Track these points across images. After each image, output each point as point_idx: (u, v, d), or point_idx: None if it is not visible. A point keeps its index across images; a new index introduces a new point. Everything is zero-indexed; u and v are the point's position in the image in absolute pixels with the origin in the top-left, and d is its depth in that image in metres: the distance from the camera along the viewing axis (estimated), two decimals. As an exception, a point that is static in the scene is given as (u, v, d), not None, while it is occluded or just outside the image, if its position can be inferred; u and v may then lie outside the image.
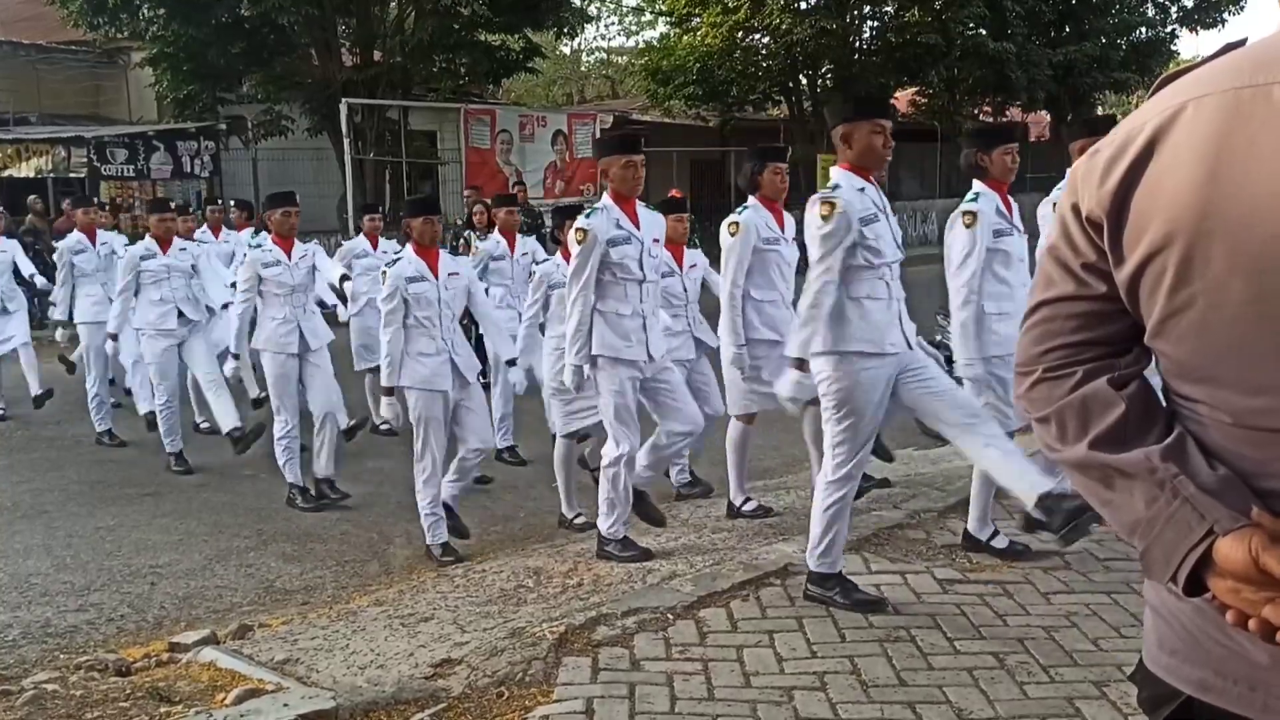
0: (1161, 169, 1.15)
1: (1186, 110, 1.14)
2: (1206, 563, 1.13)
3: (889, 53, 25.20)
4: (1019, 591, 4.27)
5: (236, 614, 4.78)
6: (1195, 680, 1.22)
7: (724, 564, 4.67)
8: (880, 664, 3.65)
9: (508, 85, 27.39)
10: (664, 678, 3.56)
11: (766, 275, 5.39)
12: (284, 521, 6.19)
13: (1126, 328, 1.24)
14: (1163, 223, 1.14)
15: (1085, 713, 3.26)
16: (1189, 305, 1.15)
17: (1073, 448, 1.26)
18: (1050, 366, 1.28)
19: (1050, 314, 1.29)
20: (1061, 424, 1.28)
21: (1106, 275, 1.22)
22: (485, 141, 19.03)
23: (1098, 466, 1.24)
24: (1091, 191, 1.21)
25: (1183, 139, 1.13)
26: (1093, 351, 1.26)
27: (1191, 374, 1.19)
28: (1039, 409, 1.30)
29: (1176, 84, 1.19)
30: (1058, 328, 1.28)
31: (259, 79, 18.34)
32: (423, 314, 5.32)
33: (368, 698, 3.38)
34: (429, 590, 4.63)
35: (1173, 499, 1.16)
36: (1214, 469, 1.16)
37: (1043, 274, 1.30)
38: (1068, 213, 1.25)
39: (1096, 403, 1.24)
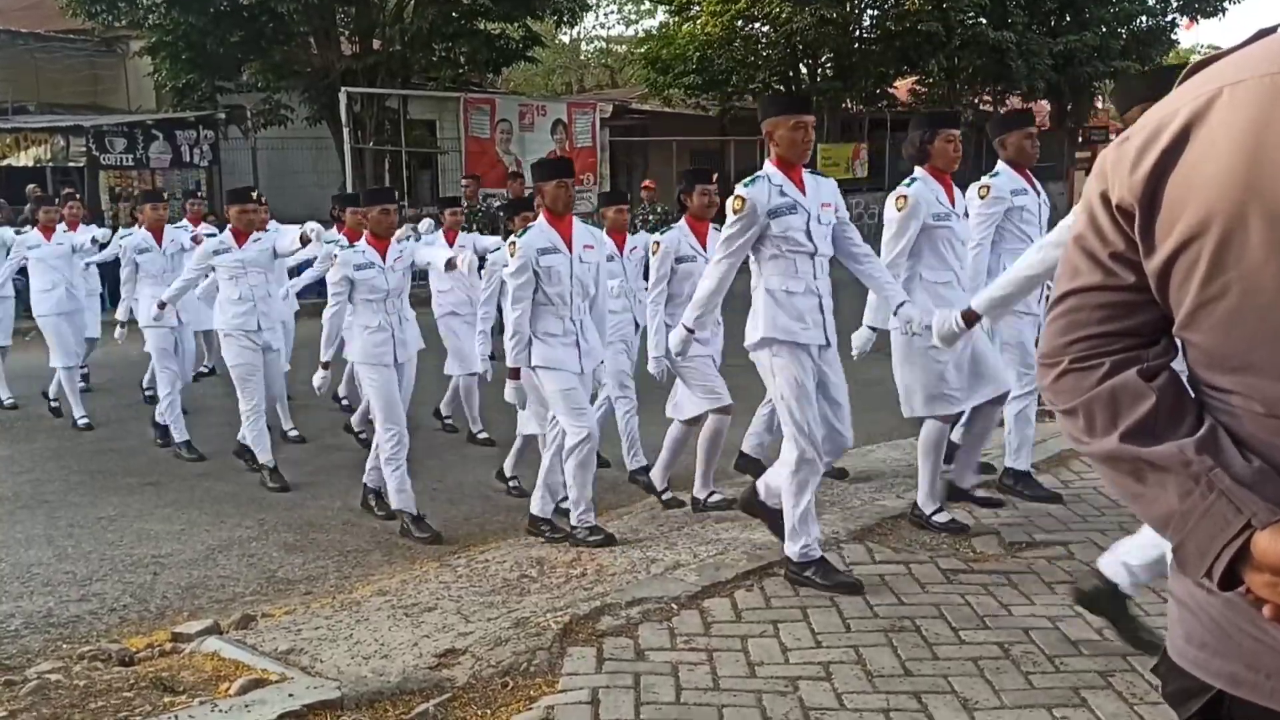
0: (1196, 155, 1.13)
1: (1222, 96, 1.13)
2: (1242, 557, 1.11)
3: (889, 41, 25.10)
4: (1023, 581, 4.26)
5: (239, 604, 4.77)
6: (1226, 674, 1.20)
7: (728, 553, 4.66)
8: (885, 654, 3.65)
9: (507, 74, 27.31)
10: (669, 668, 3.56)
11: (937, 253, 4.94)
12: (285, 511, 6.19)
13: (1155, 318, 1.23)
14: (1198, 209, 1.12)
15: (1091, 702, 3.25)
16: (1224, 293, 1.13)
17: (1102, 440, 1.24)
18: (1077, 357, 1.27)
19: (1077, 304, 1.27)
20: (1090, 416, 1.26)
21: (1136, 265, 1.21)
22: (485, 131, 18.97)
23: (1129, 459, 1.22)
24: (1123, 179, 1.19)
25: (1218, 125, 1.12)
26: (1121, 343, 1.25)
27: (1224, 363, 1.17)
28: (1066, 400, 1.28)
29: (1209, 70, 1.17)
30: (1085, 318, 1.26)
31: (258, 68, 18.26)
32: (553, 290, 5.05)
33: (373, 688, 3.37)
34: (432, 580, 4.63)
35: (1208, 492, 1.14)
36: (1249, 461, 1.15)
37: (1068, 264, 1.28)
38: (1096, 201, 1.23)
39: (1126, 394, 1.22)
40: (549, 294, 5.02)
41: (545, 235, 5.05)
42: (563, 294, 5.04)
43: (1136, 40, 28.58)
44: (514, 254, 4.98)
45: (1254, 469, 1.14)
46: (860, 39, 25.93)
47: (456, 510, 6.14)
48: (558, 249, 5.05)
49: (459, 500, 6.32)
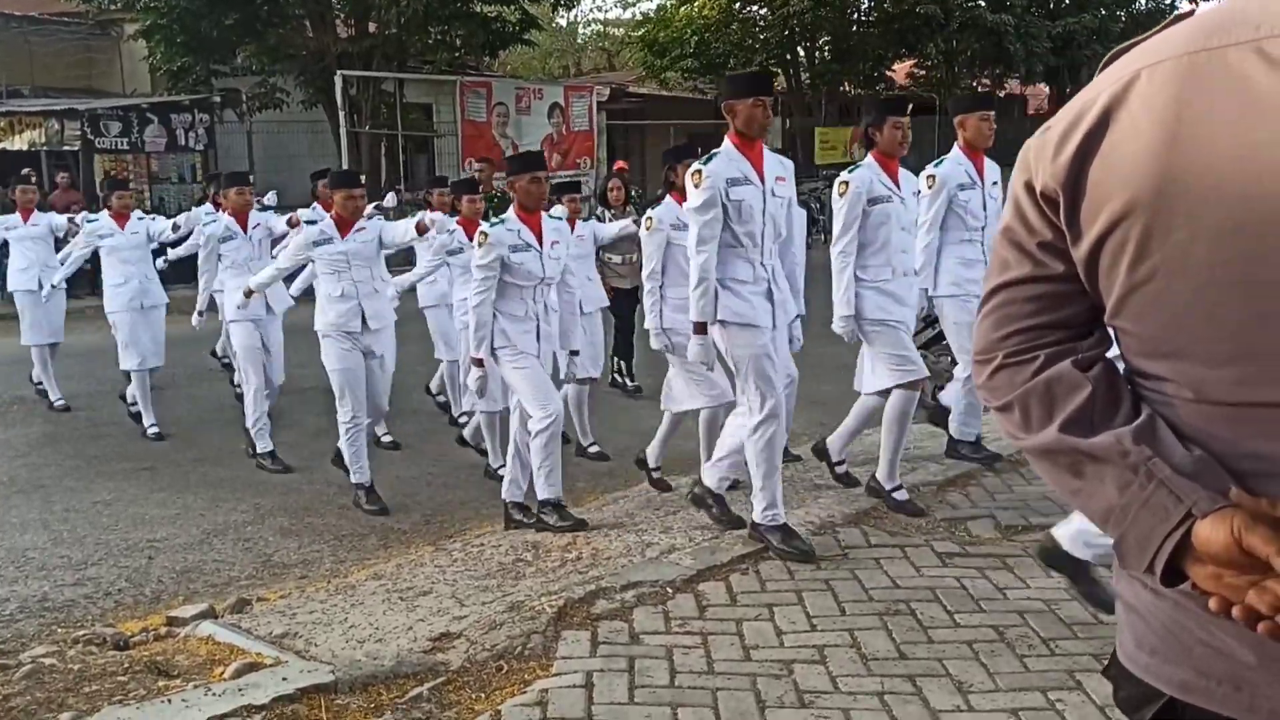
0: (1117, 139, 1.11)
1: (1140, 79, 1.11)
2: (1185, 549, 1.08)
3: (887, 24, 25.06)
4: (1018, 564, 4.26)
5: (234, 588, 4.77)
6: (1177, 681, 1.17)
7: (722, 537, 4.66)
8: (880, 637, 3.65)
9: (504, 57, 27.20)
10: (663, 651, 3.56)
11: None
12: (281, 496, 6.18)
13: (1086, 309, 1.21)
14: (1121, 193, 1.10)
15: (1086, 685, 3.26)
16: (1151, 277, 1.11)
17: (1038, 434, 1.21)
18: (1010, 352, 1.24)
19: (1008, 298, 1.24)
20: (1025, 410, 1.23)
21: (1064, 254, 1.18)
22: (481, 114, 18.91)
23: (1067, 452, 1.19)
24: (1045, 166, 1.17)
25: (1138, 107, 1.10)
26: (1053, 335, 1.22)
27: (1155, 350, 1.15)
28: (1000, 396, 1.25)
29: (1129, 55, 1.15)
30: (1016, 311, 1.24)
31: (253, 51, 18.15)
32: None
33: (367, 671, 3.37)
34: (427, 564, 4.62)
35: (1147, 483, 1.11)
36: (1189, 450, 1.12)
37: (998, 257, 1.25)
38: (1021, 191, 1.21)
39: (1061, 386, 1.20)
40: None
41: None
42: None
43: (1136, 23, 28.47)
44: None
45: (1194, 458, 1.11)
46: (858, 22, 25.88)
47: (452, 494, 6.14)
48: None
49: (454, 484, 6.32)
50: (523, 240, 5.10)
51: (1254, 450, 1.08)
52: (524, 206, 5.16)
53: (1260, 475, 1.08)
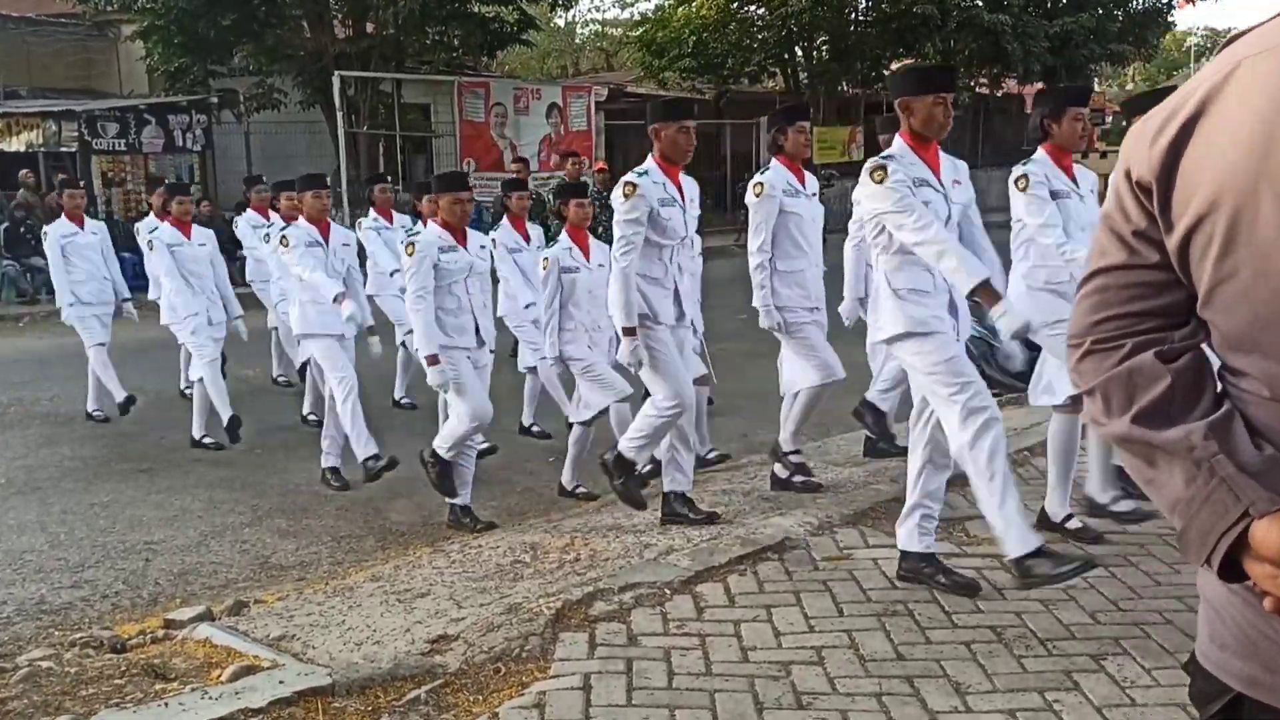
0: (1212, 129, 1.11)
1: (1240, 69, 1.10)
2: (1243, 546, 1.09)
3: (885, 24, 25.06)
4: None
5: (232, 590, 4.76)
6: (1245, 676, 1.18)
7: (721, 539, 4.65)
8: (878, 638, 3.64)
9: (502, 58, 27.20)
10: (661, 653, 3.55)
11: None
12: (279, 497, 6.18)
13: (1181, 299, 1.20)
14: (1211, 186, 1.10)
15: (1083, 686, 3.26)
16: (1236, 272, 1.10)
17: (1116, 422, 1.22)
18: (1100, 338, 1.24)
19: (1103, 284, 1.25)
20: (1107, 397, 1.24)
21: (1159, 243, 1.18)
22: (479, 114, 18.92)
23: (1139, 442, 1.20)
24: (1142, 155, 1.17)
25: (1235, 98, 1.09)
26: (1146, 323, 1.22)
27: (1238, 345, 1.15)
28: (1087, 381, 1.26)
29: (1235, 44, 1.15)
30: (1110, 298, 1.24)
31: (250, 51, 18.15)
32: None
33: (364, 674, 3.37)
34: (425, 566, 4.62)
35: (1209, 479, 1.12)
36: (1259, 449, 1.12)
37: (1096, 243, 1.26)
38: (1120, 179, 1.21)
39: (1142, 376, 1.20)
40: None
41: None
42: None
43: (1133, 22, 28.50)
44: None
45: (1263, 457, 1.11)
46: (856, 22, 25.88)
47: (450, 495, 6.13)
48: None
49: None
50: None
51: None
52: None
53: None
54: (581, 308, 5.86)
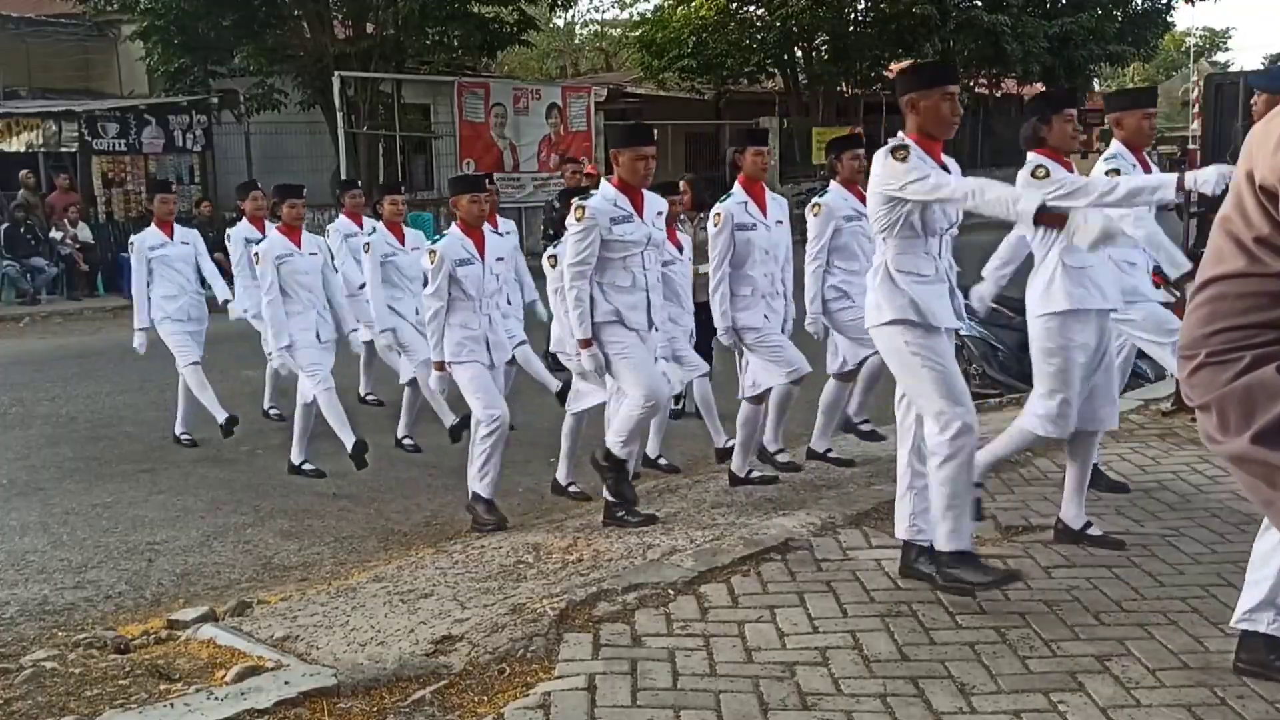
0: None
1: None
2: None
3: (884, 24, 25.06)
4: (1019, 565, 4.26)
5: (235, 591, 4.76)
6: None
7: (724, 539, 4.65)
8: (882, 639, 3.64)
9: (501, 58, 27.19)
10: (665, 653, 3.55)
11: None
12: (281, 498, 6.18)
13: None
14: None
15: (1088, 686, 3.26)
16: None
17: (1234, 440, 1.15)
18: (1215, 350, 1.17)
19: (1219, 292, 1.17)
20: (1223, 413, 1.16)
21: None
22: (479, 115, 18.92)
23: (1260, 463, 1.13)
24: (1266, 157, 1.10)
25: None
26: (1265, 335, 1.14)
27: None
28: (1201, 395, 1.19)
29: None
30: (1227, 308, 1.16)
31: (250, 51, 18.15)
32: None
33: (369, 675, 3.36)
34: (428, 566, 4.62)
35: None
36: None
37: (1213, 248, 1.18)
38: (1242, 181, 1.14)
39: (1263, 392, 1.13)
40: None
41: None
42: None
43: (1132, 22, 28.53)
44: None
45: None
46: (855, 22, 25.89)
47: (452, 495, 6.12)
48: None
49: (455, 485, 6.29)
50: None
51: None
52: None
53: None
54: None
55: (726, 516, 5.05)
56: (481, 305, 5.46)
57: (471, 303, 5.42)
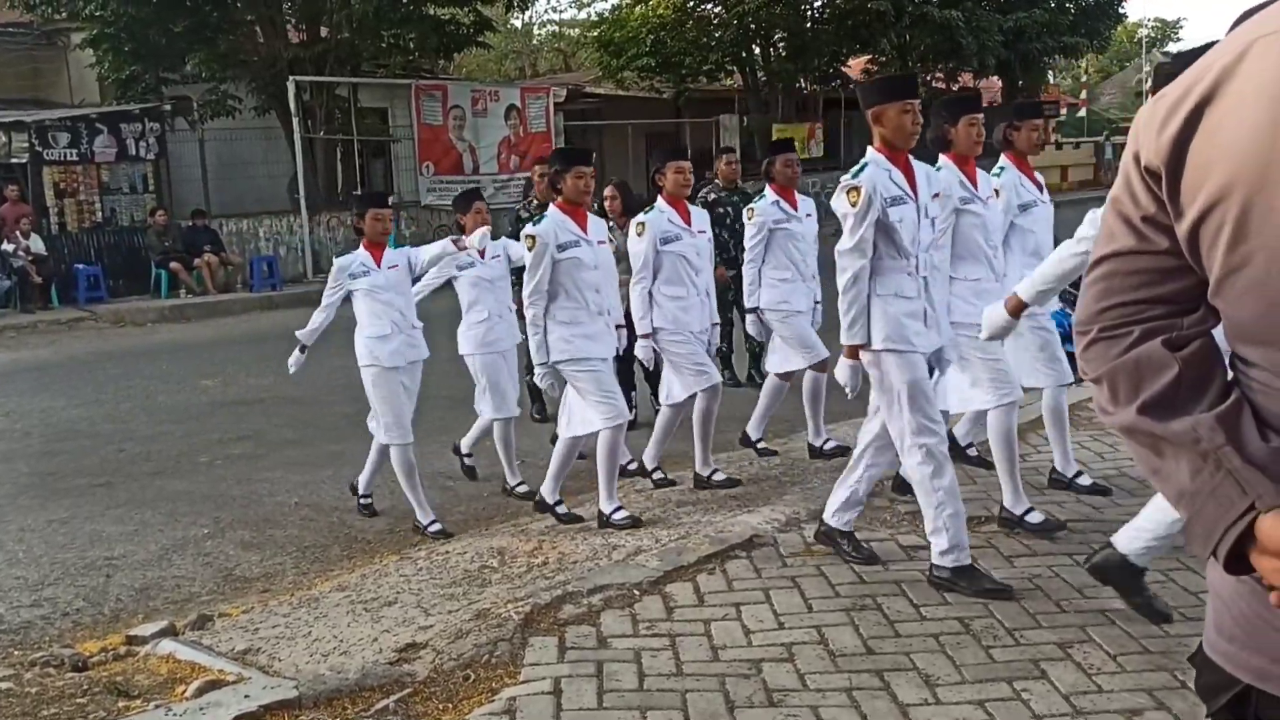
0: (1223, 113, 1.07)
1: (1254, 49, 1.06)
2: (1250, 539, 1.06)
3: (841, 21, 25.16)
4: (982, 555, 4.28)
5: (195, 604, 4.70)
6: (1253, 669, 1.16)
7: (689, 538, 4.65)
8: (848, 633, 3.65)
9: (459, 60, 27.06)
10: (631, 654, 3.54)
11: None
12: (242, 508, 6.10)
13: (1191, 285, 1.17)
14: (1222, 172, 1.06)
15: (1050, 674, 3.28)
16: (1247, 261, 1.07)
17: (1123, 411, 1.19)
18: (1107, 325, 1.21)
19: (1111, 269, 1.22)
20: (1114, 386, 1.21)
21: (1168, 229, 1.15)
22: (437, 118, 18.81)
23: (1145, 433, 1.17)
24: (1151, 140, 1.13)
25: (1247, 80, 1.05)
26: (1153, 310, 1.19)
27: (1249, 335, 1.12)
28: (1094, 369, 1.23)
29: (1247, 23, 1.10)
30: (1118, 284, 1.21)
31: (203, 58, 17.90)
32: None
33: (331, 685, 3.33)
34: (392, 574, 4.58)
35: (1216, 471, 1.09)
36: (1267, 440, 1.09)
37: (1105, 228, 1.23)
38: (1129, 162, 1.17)
39: (1149, 365, 1.17)
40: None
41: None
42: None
43: (1085, 15, 28.85)
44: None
45: (1270, 449, 1.09)
46: (812, 19, 25.97)
47: (416, 502, 6.08)
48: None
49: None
50: None
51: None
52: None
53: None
54: None
55: (691, 515, 5.05)
56: None
57: None
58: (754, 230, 6.22)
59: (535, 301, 5.04)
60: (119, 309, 14.67)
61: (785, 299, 6.14)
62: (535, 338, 5.08)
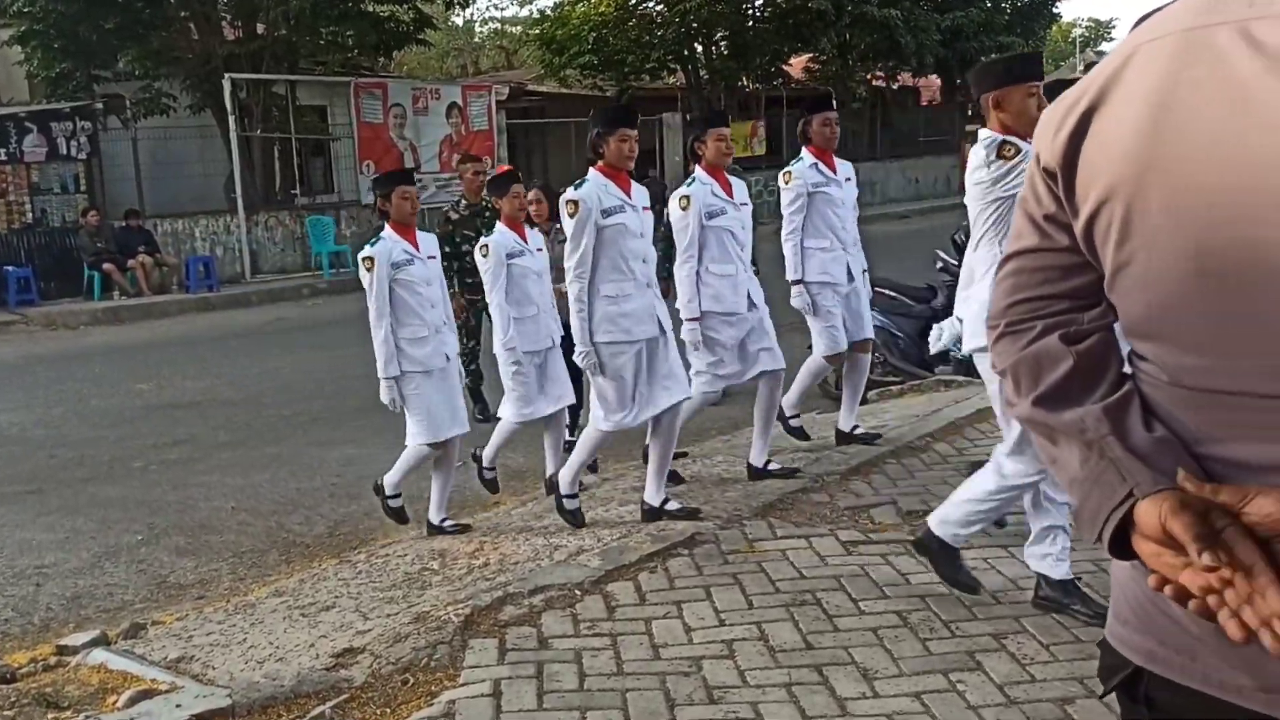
0: (1110, 117, 1.12)
1: (1138, 55, 1.11)
2: (1131, 525, 1.11)
3: (781, 20, 25.30)
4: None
5: (128, 612, 4.61)
6: (1144, 650, 1.20)
7: (631, 536, 4.65)
8: (787, 629, 3.67)
9: (399, 58, 26.81)
10: (572, 655, 3.53)
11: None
12: (176, 514, 5.99)
13: (1092, 281, 1.21)
14: (1107, 174, 1.11)
15: (985, 665, 3.32)
16: (1131, 259, 1.12)
17: (1022, 403, 1.25)
18: (1013, 320, 1.27)
19: (1018, 267, 1.27)
20: (1016, 378, 1.26)
21: (1067, 227, 1.19)
22: (377, 116, 18.61)
23: (1041, 424, 1.23)
24: (1048, 141, 1.18)
25: (1132, 85, 1.10)
26: (1056, 305, 1.24)
27: (1137, 330, 1.17)
28: (1001, 362, 1.29)
29: (1136, 30, 1.15)
30: (1024, 281, 1.26)
31: (135, 55, 17.54)
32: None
33: (265, 693, 3.28)
34: (330, 578, 4.53)
35: (1100, 460, 1.14)
36: (1151, 430, 1.14)
37: (1014, 227, 1.28)
38: (1033, 163, 1.22)
39: (1047, 358, 1.22)
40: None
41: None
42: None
43: (1020, 14, 29.32)
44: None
45: (1153, 439, 1.13)
46: (754, 17, 26.09)
47: (357, 505, 6.00)
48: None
49: (359, 495, 6.17)
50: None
51: (1217, 436, 1.10)
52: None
53: (1220, 460, 1.10)
54: None
55: (633, 514, 5.03)
56: None
57: None
58: (791, 196, 5.62)
59: (581, 275, 4.63)
60: (50, 312, 14.35)
61: (825, 270, 5.65)
62: (580, 315, 4.66)
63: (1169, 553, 1.06)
